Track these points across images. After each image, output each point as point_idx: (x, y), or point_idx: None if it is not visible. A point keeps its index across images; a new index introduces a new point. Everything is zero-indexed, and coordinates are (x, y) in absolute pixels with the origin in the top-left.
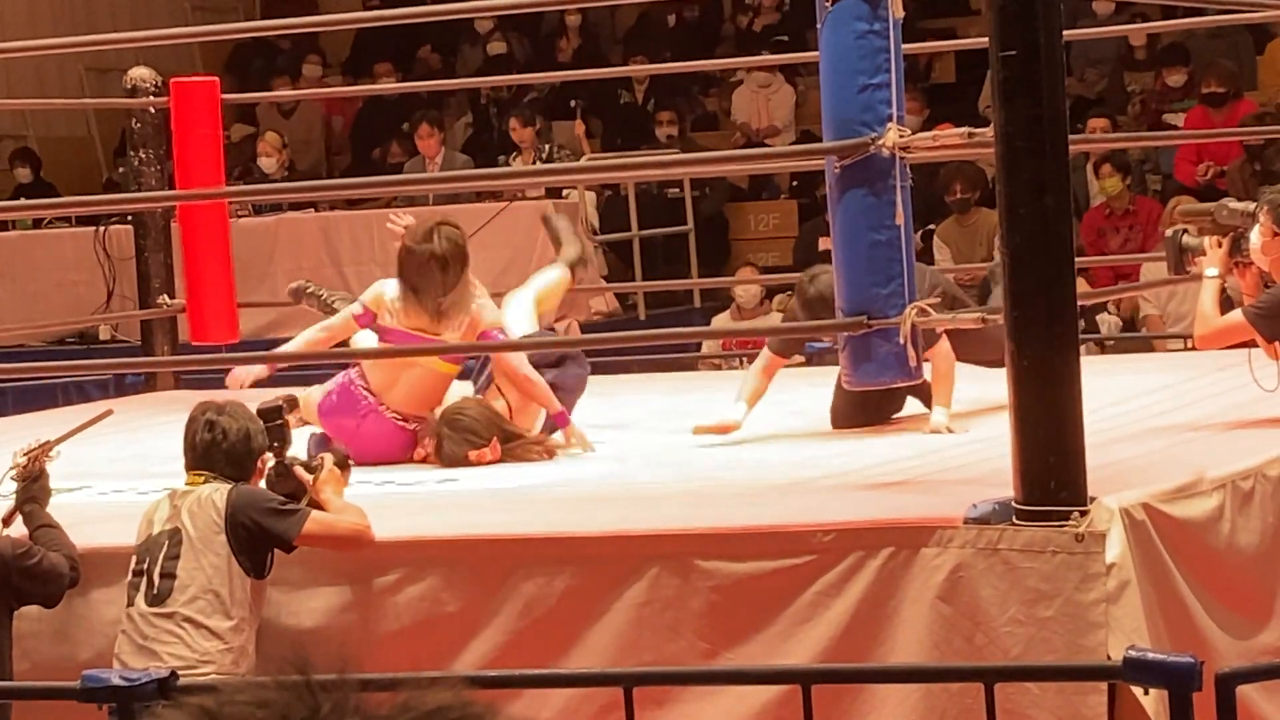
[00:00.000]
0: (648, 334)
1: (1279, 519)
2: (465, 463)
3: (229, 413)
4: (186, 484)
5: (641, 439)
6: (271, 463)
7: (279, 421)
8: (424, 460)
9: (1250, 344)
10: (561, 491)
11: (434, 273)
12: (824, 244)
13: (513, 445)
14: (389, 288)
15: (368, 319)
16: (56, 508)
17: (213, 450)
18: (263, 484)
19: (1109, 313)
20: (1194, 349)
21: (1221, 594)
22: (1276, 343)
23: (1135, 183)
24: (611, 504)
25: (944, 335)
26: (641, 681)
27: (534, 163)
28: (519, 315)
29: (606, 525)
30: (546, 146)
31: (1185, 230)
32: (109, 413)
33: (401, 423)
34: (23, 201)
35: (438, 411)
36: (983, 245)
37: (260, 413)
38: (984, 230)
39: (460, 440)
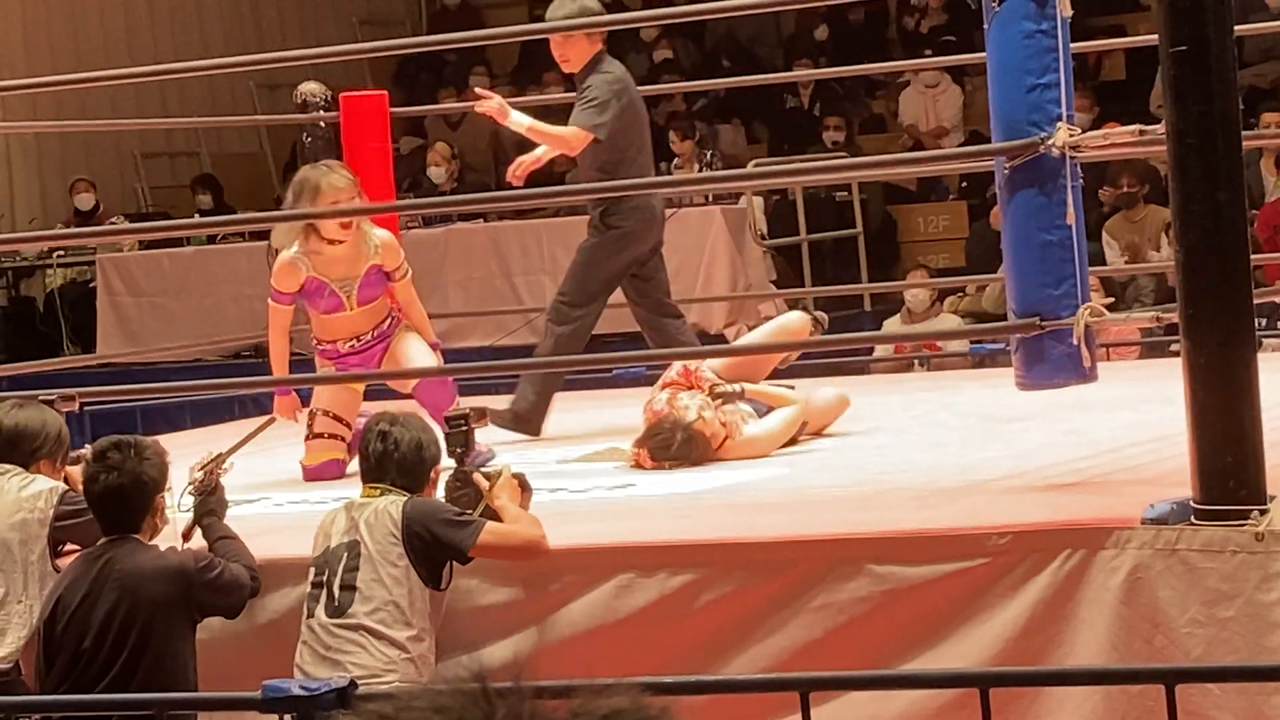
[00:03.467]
0: (831, 339)
1: None
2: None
3: (402, 423)
4: (362, 496)
5: (812, 442)
6: (451, 470)
7: (464, 429)
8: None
9: None
10: (734, 497)
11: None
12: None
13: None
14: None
15: (286, 298)
16: (234, 519)
17: (385, 461)
18: (440, 491)
19: None
20: None
21: None
22: None
23: None
24: (784, 508)
25: None
26: (818, 686)
27: (696, 170)
28: None
29: (779, 530)
30: (708, 154)
31: None
32: (273, 419)
33: None
34: (197, 219)
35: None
36: (1151, 240)
37: (446, 419)
38: (1153, 225)
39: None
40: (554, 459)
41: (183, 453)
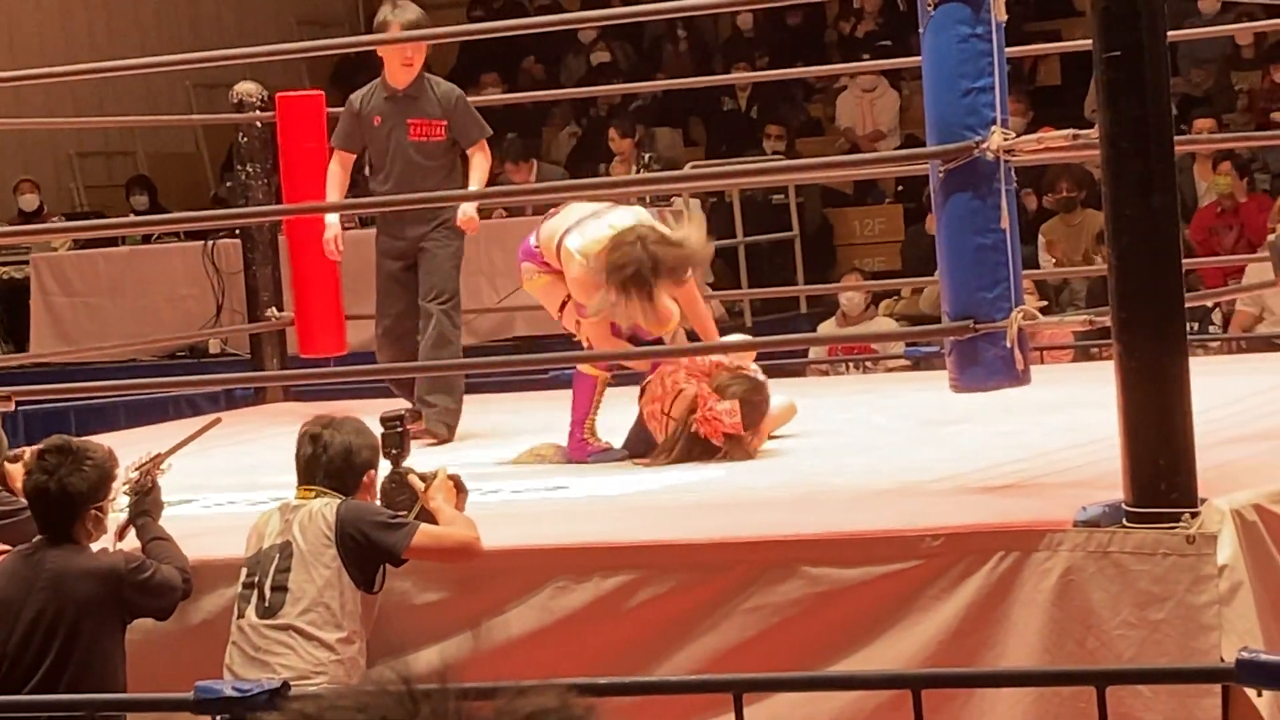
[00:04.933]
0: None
1: None
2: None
3: (334, 426)
4: (297, 498)
5: None
6: (387, 471)
7: (398, 430)
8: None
9: None
10: (669, 498)
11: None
12: None
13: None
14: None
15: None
16: (169, 520)
17: (313, 464)
18: (378, 490)
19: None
20: None
21: None
22: None
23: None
24: (719, 510)
25: None
26: (751, 687)
27: (633, 172)
28: None
29: (714, 532)
30: (645, 156)
31: None
32: (217, 420)
33: None
34: (131, 218)
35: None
36: (1087, 244)
37: (382, 420)
38: (1089, 230)
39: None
40: (490, 460)
41: (117, 452)
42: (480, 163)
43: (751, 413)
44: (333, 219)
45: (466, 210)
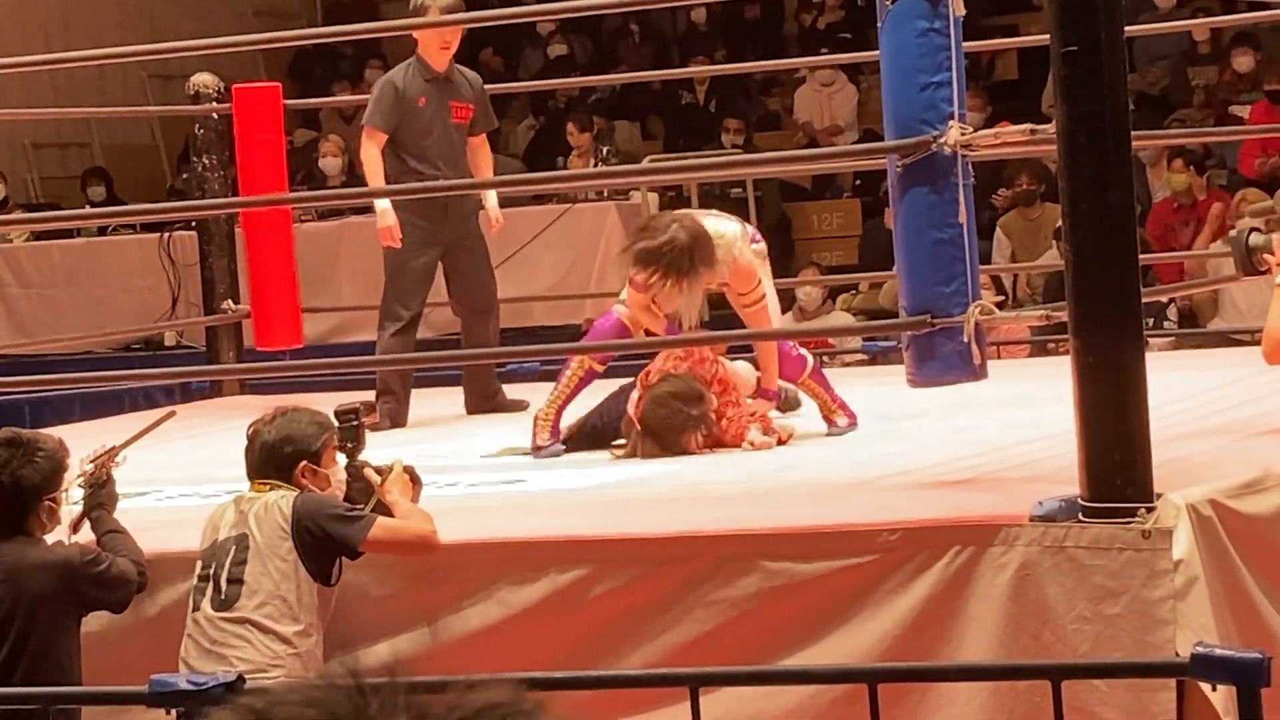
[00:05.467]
0: (708, 336)
1: None
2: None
3: (269, 419)
4: (251, 490)
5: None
6: (343, 463)
7: (354, 423)
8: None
9: None
10: (626, 492)
11: None
12: None
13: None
14: None
15: None
16: (123, 513)
17: (248, 455)
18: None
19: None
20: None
21: None
22: None
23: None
24: (676, 504)
25: None
26: (707, 682)
27: (591, 165)
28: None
29: (671, 526)
30: (603, 150)
31: (1254, 229)
32: (172, 413)
33: None
34: (87, 209)
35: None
36: (1045, 239)
37: (337, 414)
38: (1047, 224)
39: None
40: (447, 453)
41: (72, 445)
42: (488, 152)
43: (660, 410)
44: (385, 205)
45: (497, 207)
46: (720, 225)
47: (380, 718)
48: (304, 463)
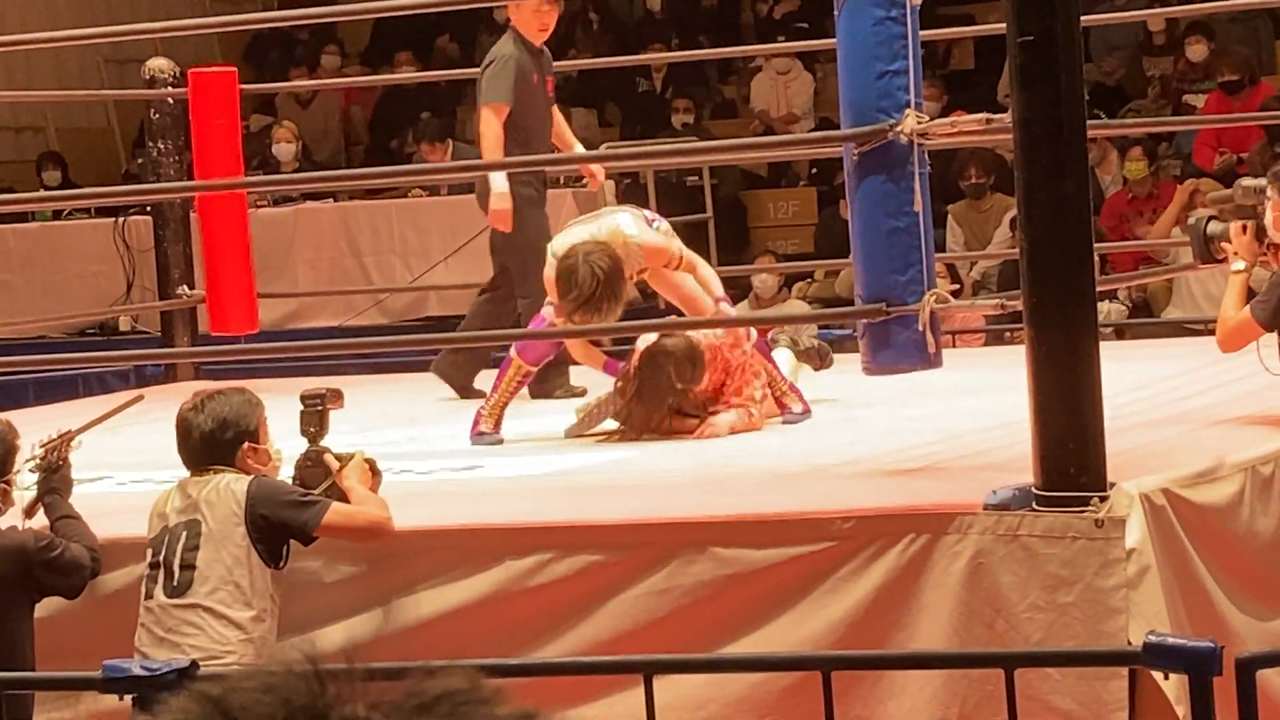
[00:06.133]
0: (657, 323)
1: None
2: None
3: (203, 405)
4: (193, 475)
5: None
6: (304, 448)
7: (318, 409)
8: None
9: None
10: (580, 479)
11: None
12: None
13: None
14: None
15: None
16: (78, 498)
17: (184, 446)
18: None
19: (1116, 300)
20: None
21: (1242, 579)
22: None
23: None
24: (629, 491)
25: None
26: (660, 668)
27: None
28: None
29: (624, 513)
30: None
31: (1212, 217)
32: (139, 398)
33: None
34: (42, 193)
35: None
36: (996, 228)
37: (302, 398)
38: (997, 214)
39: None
40: (404, 439)
41: (25, 430)
42: (563, 120)
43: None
44: (505, 186)
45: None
46: (619, 221)
47: (338, 705)
48: (246, 444)
